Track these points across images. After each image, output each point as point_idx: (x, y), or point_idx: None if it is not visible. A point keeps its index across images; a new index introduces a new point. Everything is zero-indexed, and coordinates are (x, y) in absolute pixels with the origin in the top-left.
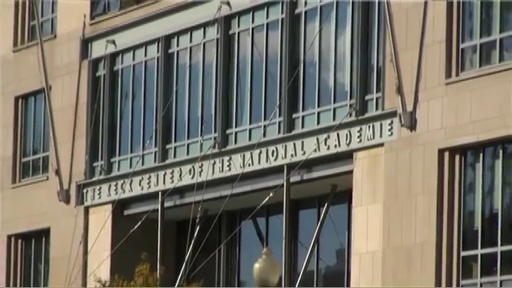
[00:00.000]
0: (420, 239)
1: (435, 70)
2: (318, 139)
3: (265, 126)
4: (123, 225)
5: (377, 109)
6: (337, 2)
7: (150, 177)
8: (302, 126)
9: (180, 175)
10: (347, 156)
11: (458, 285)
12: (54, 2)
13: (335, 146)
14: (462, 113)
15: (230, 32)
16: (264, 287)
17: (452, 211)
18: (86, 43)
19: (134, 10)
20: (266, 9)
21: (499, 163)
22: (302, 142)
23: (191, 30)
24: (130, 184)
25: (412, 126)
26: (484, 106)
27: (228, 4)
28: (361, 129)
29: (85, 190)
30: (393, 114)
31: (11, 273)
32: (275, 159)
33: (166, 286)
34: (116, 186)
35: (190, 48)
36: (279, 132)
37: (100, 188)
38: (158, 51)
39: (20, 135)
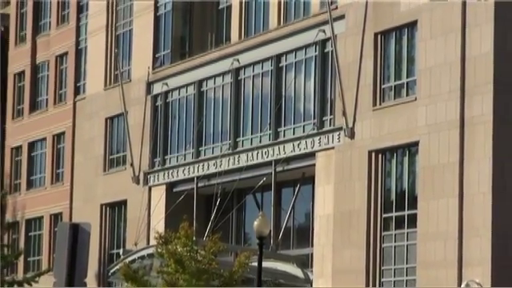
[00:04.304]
0: (357, 206)
1: (366, 101)
2: (293, 144)
3: (260, 136)
4: (172, 198)
5: (330, 125)
6: (305, 59)
7: (189, 168)
8: (284, 136)
9: (208, 167)
10: (312, 155)
11: (380, 235)
12: (129, 58)
13: (304, 148)
14: (383, 128)
15: (239, 78)
16: (260, 237)
17: (376, 189)
18: (149, 85)
19: (180, 64)
20: (261, 63)
21: (406, 159)
22: (284, 146)
23: (215, 76)
24: (177, 172)
25: (352, 136)
26: (396, 124)
27: (238, 60)
28: (320, 138)
29: (148, 176)
30: (340, 129)
31: (102, 229)
32: (267, 157)
33: (198, 237)
34: (168, 173)
35: (214, 88)
36: (269, 139)
37: (158, 175)
38: (194, 90)
39: (108, 141)
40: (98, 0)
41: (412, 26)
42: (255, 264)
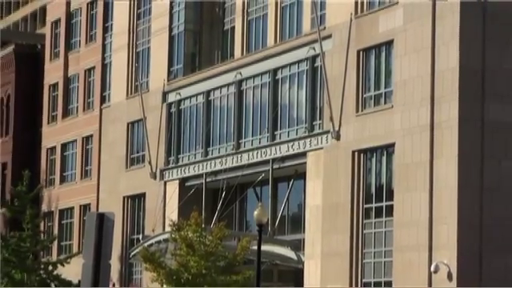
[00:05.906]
0: (342, 199)
1: (350, 108)
2: (288, 145)
3: (260, 138)
4: (184, 191)
5: (319, 129)
6: (298, 73)
7: (198, 165)
8: (280, 138)
9: (215, 164)
10: (303, 154)
11: (362, 223)
12: (148, 72)
13: (297, 148)
14: (364, 131)
15: (241, 88)
16: (259, 225)
17: (359, 183)
18: (165, 94)
19: (191, 76)
20: (260, 76)
21: (384, 158)
22: (280, 147)
23: (221, 87)
24: (188, 169)
25: (338, 138)
26: (376, 127)
27: (240, 74)
28: (311, 140)
29: (164, 172)
30: (328, 132)
31: (125, 217)
32: (265, 156)
33: (206, 224)
34: (181, 170)
35: (220, 97)
36: (267, 141)
37: (172, 171)
38: (203, 99)
39: (129, 143)
40: (120, 21)
41: (389, 44)
42: (255, 247)
